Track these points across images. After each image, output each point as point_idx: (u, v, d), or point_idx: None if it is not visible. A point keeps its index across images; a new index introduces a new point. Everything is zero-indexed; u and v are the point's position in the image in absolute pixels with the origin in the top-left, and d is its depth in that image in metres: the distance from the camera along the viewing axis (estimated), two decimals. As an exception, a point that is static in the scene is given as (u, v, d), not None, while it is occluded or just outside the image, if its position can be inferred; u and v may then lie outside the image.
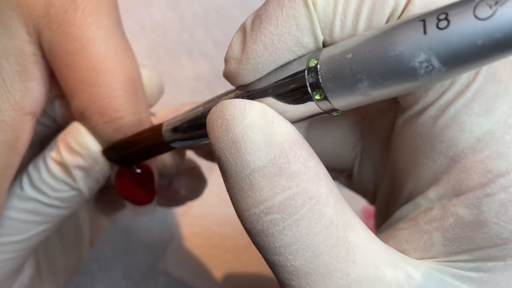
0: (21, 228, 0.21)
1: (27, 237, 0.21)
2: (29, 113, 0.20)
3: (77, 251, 0.29)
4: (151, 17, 0.41)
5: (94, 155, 0.20)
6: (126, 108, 0.20)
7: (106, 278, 0.38)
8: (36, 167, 0.21)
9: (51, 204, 0.21)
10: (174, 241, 0.38)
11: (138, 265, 0.38)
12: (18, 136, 0.20)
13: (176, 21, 0.41)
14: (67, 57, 0.19)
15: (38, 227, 0.21)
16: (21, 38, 0.19)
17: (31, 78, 0.20)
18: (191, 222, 0.39)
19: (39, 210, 0.21)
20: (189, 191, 0.25)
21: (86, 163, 0.20)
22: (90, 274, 0.38)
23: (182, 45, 0.41)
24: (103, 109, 0.19)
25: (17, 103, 0.19)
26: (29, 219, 0.21)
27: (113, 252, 0.38)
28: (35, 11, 0.19)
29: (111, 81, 0.20)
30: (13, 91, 0.19)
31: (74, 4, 0.19)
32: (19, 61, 0.19)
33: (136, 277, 0.38)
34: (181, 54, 0.41)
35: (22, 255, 0.22)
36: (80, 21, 0.19)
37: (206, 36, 0.41)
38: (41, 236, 0.22)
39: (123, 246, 0.38)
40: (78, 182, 0.21)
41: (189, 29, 0.41)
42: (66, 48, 0.19)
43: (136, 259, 0.38)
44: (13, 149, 0.20)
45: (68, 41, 0.19)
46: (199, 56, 0.41)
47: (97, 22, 0.20)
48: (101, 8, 0.20)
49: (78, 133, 0.20)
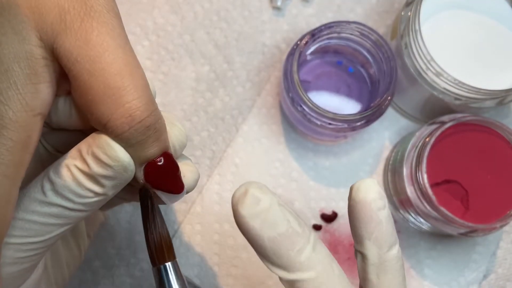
0: (43, 230, 0.21)
1: (48, 238, 0.22)
2: (39, 113, 0.20)
3: (76, 243, 0.29)
4: (153, 19, 0.42)
5: (125, 165, 0.21)
6: (149, 106, 0.21)
7: (109, 275, 0.39)
8: (59, 175, 0.21)
9: (75, 208, 0.21)
10: (175, 239, 0.39)
11: (141, 263, 0.39)
12: (30, 136, 0.20)
13: (178, 23, 0.42)
14: (89, 63, 0.20)
15: (59, 229, 0.22)
16: (32, 43, 0.20)
17: (40, 81, 0.20)
18: (192, 220, 0.39)
19: (62, 214, 0.21)
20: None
21: (116, 173, 0.21)
22: (93, 272, 0.39)
23: (183, 47, 0.42)
24: (132, 111, 0.20)
25: (28, 104, 0.20)
26: (51, 222, 0.21)
27: (116, 249, 0.39)
28: (48, 18, 0.20)
29: (135, 83, 0.20)
30: (24, 93, 0.20)
31: (89, 13, 0.20)
32: (30, 65, 0.20)
33: (138, 275, 0.39)
34: (183, 56, 0.41)
35: (41, 252, 0.22)
36: (98, 29, 0.20)
37: (206, 38, 0.42)
38: (59, 235, 0.22)
39: (126, 244, 0.39)
40: (106, 189, 0.21)
41: (190, 31, 0.42)
42: (87, 54, 0.20)
43: (139, 256, 0.39)
44: (25, 148, 0.20)
45: (88, 47, 0.20)
46: (200, 57, 0.41)
47: (113, 30, 0.20)
48: (112, 16, 0.21)
49: (108, 146, 0.21)
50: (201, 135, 0.40)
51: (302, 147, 0.40)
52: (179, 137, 0.24)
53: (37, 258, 0.23)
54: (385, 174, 0.40)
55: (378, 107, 0.34)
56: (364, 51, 0.37)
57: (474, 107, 0.36)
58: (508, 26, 0.36)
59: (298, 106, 0.35)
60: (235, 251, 0.38)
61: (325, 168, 0.40)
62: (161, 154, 0.22)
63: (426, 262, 0.39)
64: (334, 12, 0.42)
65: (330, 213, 0.39)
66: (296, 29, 0.42)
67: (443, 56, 0.34)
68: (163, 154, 0.22)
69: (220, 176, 0.40)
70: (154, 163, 0.22)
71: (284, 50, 0.42)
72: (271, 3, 0.42)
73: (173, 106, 0.41)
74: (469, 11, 0.36)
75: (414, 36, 0.34)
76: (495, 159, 0.35)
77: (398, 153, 0.38)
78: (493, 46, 0.36)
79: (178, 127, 0.24)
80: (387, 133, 0.41)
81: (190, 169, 0.25)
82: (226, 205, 0.39)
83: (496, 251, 0.39)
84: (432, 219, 0.35)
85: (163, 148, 0.22)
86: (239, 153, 0.40)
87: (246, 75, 0.41)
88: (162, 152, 0.22)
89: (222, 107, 0.41)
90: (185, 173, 0.24)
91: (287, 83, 0.35)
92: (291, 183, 0.40)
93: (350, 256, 0.39)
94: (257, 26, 0.42)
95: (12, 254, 0.21)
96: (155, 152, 0.22)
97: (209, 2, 0.42)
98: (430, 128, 0.35)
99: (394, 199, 0.39)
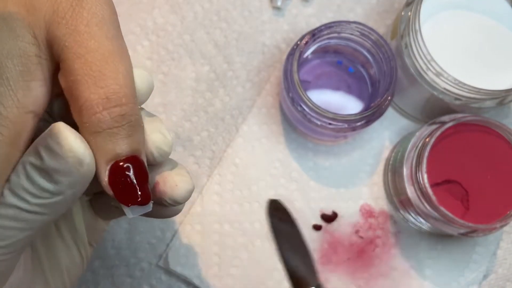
0: (4, 234, 0.20)
1: (12, 242, 0.21)
2: (31, 111, 0.20)
3: (77, 249, 0.29)
4: (153, 19, 0.42)
5: (80, 157, 0.19)
6: (129, 97, 0.20)
7: (109, 275, 0.39)
8: (16, 172, 0.20)
9: (32, 210, 0.20)
10: (175, 239, 0.39)
11: (140, 263, 0.39)
12: (20, 133, 0.20)
13: (178, 23, 0.42)
14: (75, 47, 0.20)
15: (21, 233, 0.21)
16: (26, 40, 0.20)
17: (33, 78, 0.20)
18: (192, 220, 0.39)
19: (19, 216, 0.20)
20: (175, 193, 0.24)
21: (70, 166, 0.19)
22: (93, 272, 0.39)
23: (183, 47, 0.42)
24: (110, 94, 0.20)
25: (20, 101, 0.20)
26: (11, 225, 0.20)
27: (116, 250, 0.39)
28: (42, 11, 0.20)
29: (118, 71, 0.20)
30: (16, 89, 0.20)
31: (81, 4, 0.20)
32: (23, 62, 0.20)
33: (138, 275, 0.39)
34: (183, 56, 0.41)
35: (10, 257, 0.21)
36: (87, 19, 0.20)
37: (206, 38, 0.42)
38: (26, 240, 0.21)
39: (126, 244, 0.39)
40: (61, 187, 0.20)
41: (190, 31, 0.42)
42: (75, 40, 0.20)
43: (138, 256, 0.39)
44: (14, 145, 0.20)
45: (77, 34, 0.20)
46: (200, 57, 0.41)
47: (102, 21, 0.20)
48: (103, 8, 0.21)
49: (60, 135, 0.19)
50: (201, 135, 0.40)
51: (302, 147, 0.40)
52: (159, 145, 0.22)
53: (7, 263, 0.22)
54: (385, 174, 0.40)
55: (378, 107, 0.34)
56: (364, 51, 0.37)
57: (474, 107, 0.36)
58: (508, 26, 0.36)
59: (298, 106, 0.35)
60: (235, 251, 0.38)
61: (325, 168, 0.40)
62: (131, 156, 0.21)
63: (426, 263, 0.39)
64: (334, 12, 0.42)
65: (330, 213, 0.39)
66: (296, 29, 0.42)
67: (443, 56, 0.34)
68: (132, 157, 0.21)
69: (220, 176, 0.40)
70: (120, 163, 0.20)
71: (284, 50, 0.42)
72: (271, 3, 0.42)
73: (173, 106, 0.41)
74: (469, 11, 0.36)
75: (414, 36, 0.34)
76: (495, 159, 0.35)
77: (398, 153, 0.38)
78: (493, 46, 0.36)
79: (163, 135, 0.23)
80: (387, 133, 0.41)
81: (184, 179, 0.23)
82: (226, 205, 0.39)
83: (496, 251, 0.39)
84: (432, 219, 0.35)
85: (134, 149, 0.21)
86: (239, 153, 0.40)
87: (246, 75, 0.41)
88: (132, 153, 0.21)
89: (222, 107, 0.41)
90: (178, 183, 0.23)
91: (287, 83, 0.35)
92: (291, 183, 0.40)
93: (350, 257, 0.39)
94: (257, 26, 0.42)
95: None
96: (124, 149, 0.20)
97: (209, 2, 0.42)
98: (430, 128, 0.35)
99: (394, 199, 0.39)
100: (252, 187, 0.39)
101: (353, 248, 0.39)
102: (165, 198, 0.23)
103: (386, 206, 0.40)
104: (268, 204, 0.23)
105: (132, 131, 0.20)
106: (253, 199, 0.39)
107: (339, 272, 0.38)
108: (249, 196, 0.39)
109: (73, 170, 0.19)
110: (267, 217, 0.23)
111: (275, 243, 0.23)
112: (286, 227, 0.23)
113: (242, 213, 0.39)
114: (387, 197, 0.40)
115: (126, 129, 0.20)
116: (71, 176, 0.20)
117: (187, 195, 0.24)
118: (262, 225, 0.39)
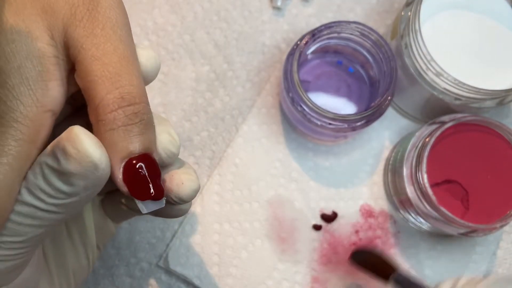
0: (20, 230, 0.21)
1: (26, 239, 0.22)
2: (49, 110, 0.21)
3: (85, 253, 0.29)
4: (153, 19, 0.42)
5: (95, 162, 0.20)
6: (142, 97, 0.21)
7: (109, 275, 0.39)
8: (33, 173, 0.21)
9: (48, 209, 0.21)
10: (175, 239, 0.39)
11: (140, 263, 0.39)
12: (39, 131, 0.21)
13: (178, 23, 0.42)
14: (92, 50, 0.21)
15: (37, 230, 0.21)
16: (44, 41, 0.21)
17: (51, 78, 0.21)
18: (192, 220, 0.39)
19: (35, 215, 0.21)
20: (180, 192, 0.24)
21: (85, 171, 0.20)
22: (93, 272, 0.39)
23: (183, 47, 0.42)
24: (124, 94, 0.21)
25: (39, 100, 0.21)
26: (27, 222, 0.21)
27: (116, 250, 0.39)
28: (60, 14, 0.21)
29: (132, 73, 0.21)
30: (36, 89, 0.21)
31: (96, 8, 0.21)
32: (41, 62, 0.21)
33: (138, 275, 0.39)
34: (183, 56, 0.41)
35: (25, 251, 0.22)
36: (102, 22, 0.21)
37: (206, 38, 0.42)
38: (41, 237, 0.22)
39: (126, 244, 0.39)
40: (76, 189, 0.20)
41: (190, 31, 0.42)
42: (91, 42, 0.21)
43: (138, 256, 0.39)
44: (33, 142, 0.21)
45: (93, 36, 0.21)
46: (200, 57, 0.41)
47: (116, 25, 0.22)
48: (117, 13, 0.22)
49: (77, 139, 0.20)
50: (201, 135, 0.40)
51: (302, 147, 0.40)
52: (167, 146, 0.23)
53: (20, 258, 0.22)
54: (385, 174, 0.40)
55: (378, 107, 0.34)
56: (364, 51, 0.37)
57: (474, 107, 0.36)
58: (508, 26, 0.36)
59: (298, 106, 0.35)
60: (235, 251, 0.39)
61: (325, 168, 0.40)
62: (143, 154, 0.21)
63: (426, 263, 0.39)
64: (334, 12, 0.42)
65: (330, 213, 0.39)
66: (296, 29, 0.42)
67: (443, 56, 0.34)
68: (145, 155, 0.21)
69: (220, 176, 0.40)
70: (133, 161, 0.21)
71: (284, 50, 0.42)
72: (271, 3, 0.42)
73: (173, 106, 0.41)
74: (469, 11, 0.36)
75: (414, 36, 0.34)
76: (495, 159, 0.35)
77: (398, 153, 0.38)
78: (493, 46, 0.36)
79: (171, 136, 0.23)
80: (387, 133, 0.41)
81: (190, 177, 0.24)
82: (226, 205, 0.39)
83: (496, 251, 0.39)
84: (432, 219, 0.35)
85: (147, 147, 0.21)
86: (239, 153, 0.40)
87: (246, 75, 0.41)
88: (144, 151, 0.21)
89: (222, 107, 0.41)
90: (184, 181, 0.24)
91: (287, 83, 0.35)
92: (291, 183, 0.40)
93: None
94: (257, 26, 0.42)
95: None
96: (137, 146, 0.21)
97: (209, 2, 0.42)
98: (430, 128, 0.35)
99: (394, 199, 0.39)
100: (252, 187, 0.39)
101: (353, 248, 0.39)
102: (171, 196, 0.24)
103: (386, 206, 0.40)
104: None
105: (144, 129, 0.21)
106: (253, 199, 0.39)
107: (339, 272, 0.38)
108: (249, 196, 0.39)
109: (89, 174, 0.20)
110: None
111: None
112: None
113: (242, 213, 0.39)
114: (387, 197, 0.40)
115: (139, 127, 0.21)
116: (87, 180, 0.20)
117: (193, 194, 0.24)
118: (262, 225, 0.39)
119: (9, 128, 0.20)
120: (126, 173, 0.21)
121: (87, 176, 0.20)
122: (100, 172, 0.20)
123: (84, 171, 0.20)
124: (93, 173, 0.20)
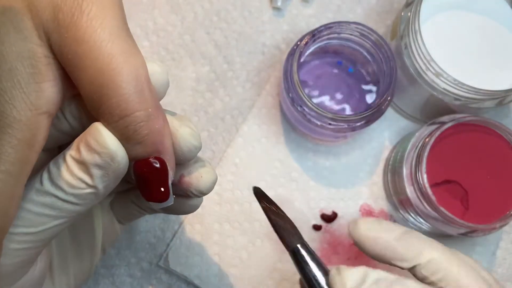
0: (37, 220, 0.22)
1: (41, 230, 0.22)
2: (45, 112, 0.21)
3: (89, 255, 0.29)
4: (154, 20, 0.42)
5: (112, 153, 0.21)
6: (133, 106, 0.20)
7: (109, 275, 0.39)
8: (56, 164, 0.22)
9: (67, 199, 0.22)
10: (175, 239, 0.39)
11: (141, 263, 0.39)
12: (35, 135, 0.20)
13: (178, 24, 0.42)
14: (77, 60, 0.20)
15: (52, 221, 0.22)
16: (33, 41, 0.20)
17: (44, 79, 0.20)
18: (192, 220, 0.39)
19: (55, 204, 0.22)
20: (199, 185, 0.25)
21: (103, 161, 0.21)
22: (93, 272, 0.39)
23: (183, 47, 0.42)
24: (112, 109, 0.20)
25: (33, 103, 0.20)
26: (45, 212, 0.22)
27: (116, 250, 0.39)
28: (44, 15, 0.20)
29: (118, 80, 0.20)
30: (28, 92, 0.20)
31: (80, 8, 0.20)
32: (33, 64, 0.20)
33: (138, 274, 0.39)
34: (183, 56, 0.42)
35: (35, 246, 0.22)
36: (86, 25, 0.20)
37: (207, 38, 0.42)
38: (54, 230, 0.22)
39: (126, 244, 0.39)
40: (95, 180, 0.21)
41: (190, 31, 0.42)
42: (75, 51, 0.20)
43: (139, 256, 0.39)
44: (30, 146, 0.20)
45: (76, 44, 0.20)
46: (200, 57, 0.41)
47: (102, 25, 0.20)
48: (106, 10, 0.21)
49: (97, 132, 0.21)
50: (201, 135, 0.40)
51: (302, 147, 0.40)
52: (187, 138, 0.23)
53: (30, 253, 0.23)
54: (385, 174, 0.40)
55: (378, 107, 0.35)
56: (364, 52, 0.37)
57: (474, 108, 0.36)
58: (508, 26, 0.36)
59: (298, 106, 0.35)
60: (235, 251, 0.39)
61: (325, 168, 0.40)
62: (144, 160, 0.22)
63: (426, 262, 0.39)
64: (334, 13, 0.42)
65: (330, 213, 0.39)
66: (296, 29, 0.42)
67: (443, 57, 0.34)
68: (146, 160, 0.22)
69: (220, 176, 0.40)
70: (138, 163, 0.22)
71: (284, 50, 0.42)
72: (271, 3, 0.42)
73: (173, 106, 0.41)
74: (469, 12, 0.36)
75: (414, 36, 0.34)
76: (495, 159, 0.35)
77: (398, 153, 0.38)
78: (493, 46, 0.36)
79: (191, 129, 0.24)
80: (387, 133, 0.41)
81: (209, 170, 0.25)
82: (226, 205, 0.39)
83: (496, 251, 0.39)
84: (432, 219, 0.35)
85: (150, 151, 0.22)
86: (239, 153, 0.40)
87: (246, 75, 0.41)
88: (148, 155, 0.22)
89: (222, 107, 0.41)
90: (203, 174, 0.25)
91: (287, 83, 0.35)
92: (291, 183, 0.40)
93: (350, 256, 0.39)
94: (257, 26, 0.42)
95: (6, 245, 0.21)
96: (140, 152, 0.22)
97: (209, 2, 0.42)
98: (430, 128, 0.35)
99: (394, 199, 0.39)
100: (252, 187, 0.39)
101: (353, 248, 0.39)
102: (190, 189, 0.25)
103: (386, 206, 0.40)
104: (254, 191, 0.31)
105: (145, 135, 0.21)
106: (253, 199, 0.39)
107: (339, 272, 0.38)
108: (249, 196, 0.39)
109: (106, 165, 0.21)
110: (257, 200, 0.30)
111: (267, 216, 0.30)
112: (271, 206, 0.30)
113: (242, 213, 0.39)
114: (387, 197, 0.40)
115: (136, 137, 0.21)
116: (104, 170, 0.21)
117: (212, 186, 0.25)
118: (262, 225, 0.39)
119: (4, 135, 0.20)
120: (138, 170, 0.22)
121: (105, 167, 0.21)
122: (116, 164, 0.21)
123: (101, 162, 0.21)
124: (109, 164, 0.21)
